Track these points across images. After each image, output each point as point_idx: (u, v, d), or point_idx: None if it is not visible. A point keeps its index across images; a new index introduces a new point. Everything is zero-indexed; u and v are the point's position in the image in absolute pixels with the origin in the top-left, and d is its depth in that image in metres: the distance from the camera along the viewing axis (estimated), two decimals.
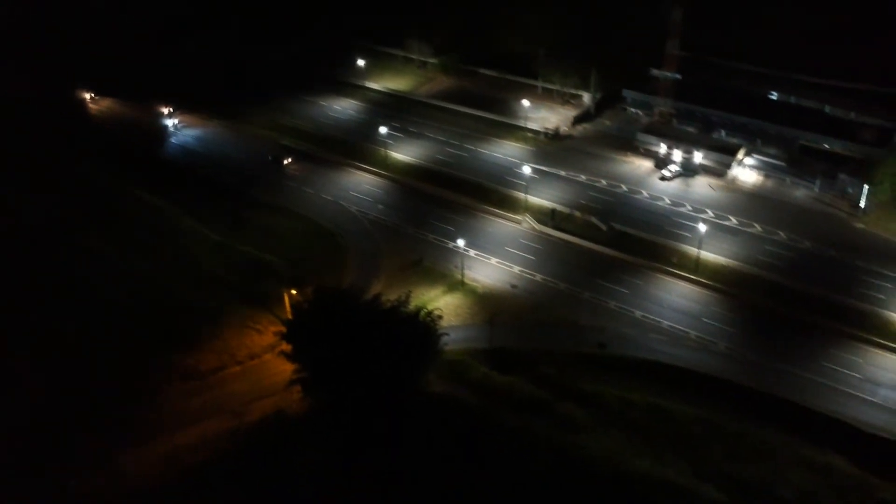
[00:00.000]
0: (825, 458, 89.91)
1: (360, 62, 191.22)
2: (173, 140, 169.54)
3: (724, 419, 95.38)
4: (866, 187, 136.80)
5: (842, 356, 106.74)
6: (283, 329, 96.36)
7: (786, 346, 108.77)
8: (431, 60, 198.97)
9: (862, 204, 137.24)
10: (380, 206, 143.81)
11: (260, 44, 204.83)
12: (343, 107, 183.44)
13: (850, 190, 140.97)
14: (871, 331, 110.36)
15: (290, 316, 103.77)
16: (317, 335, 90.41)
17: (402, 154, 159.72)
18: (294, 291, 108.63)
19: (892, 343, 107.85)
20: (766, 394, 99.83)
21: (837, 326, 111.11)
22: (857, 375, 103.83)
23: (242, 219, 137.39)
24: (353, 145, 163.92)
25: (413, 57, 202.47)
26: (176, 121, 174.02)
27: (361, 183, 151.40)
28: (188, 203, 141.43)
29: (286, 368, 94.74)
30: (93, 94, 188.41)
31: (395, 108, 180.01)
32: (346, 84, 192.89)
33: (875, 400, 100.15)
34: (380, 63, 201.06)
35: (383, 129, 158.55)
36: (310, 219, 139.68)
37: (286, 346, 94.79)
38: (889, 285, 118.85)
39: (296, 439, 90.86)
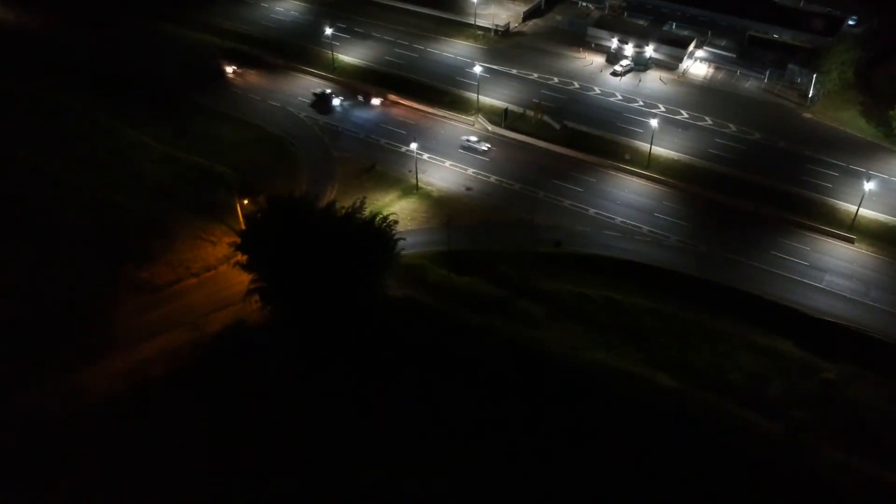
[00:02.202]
0: (773, 343, 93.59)
1: None
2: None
3: (676, 310, 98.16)
4: (814, 77, 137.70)
5: (790, 245, 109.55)
6: (238, 239, 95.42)
7: (736, 237, 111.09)
8: None
9: (810, 94, 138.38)
10: (331, 113, 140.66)
11: None
12: (286, 8, 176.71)
13: (799, 80, 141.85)
14: (818, 219, 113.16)
15: (243, 226, 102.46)
16: (272, 244, 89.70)
17: (350, 56, 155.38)
18: (246, 201, 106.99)
19: (838, 230, 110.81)
20: (716, 284, 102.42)
21: (785, 216, 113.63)
22: (804, 263, 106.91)
23: (186, 127, 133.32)
24: (299, 48, 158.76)
25: None
26: None
27: (309, 87, 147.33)
28: (128, 113, 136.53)
29: (243, 279, 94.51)
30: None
31: (341, 8, 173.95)
32: None
33: (821, 286, 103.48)
34: None
35: (329, 31, 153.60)
36: (258, 126, 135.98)
37: (241, 257, 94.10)
38: (835, 174, 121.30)
39: (257, 348, 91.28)
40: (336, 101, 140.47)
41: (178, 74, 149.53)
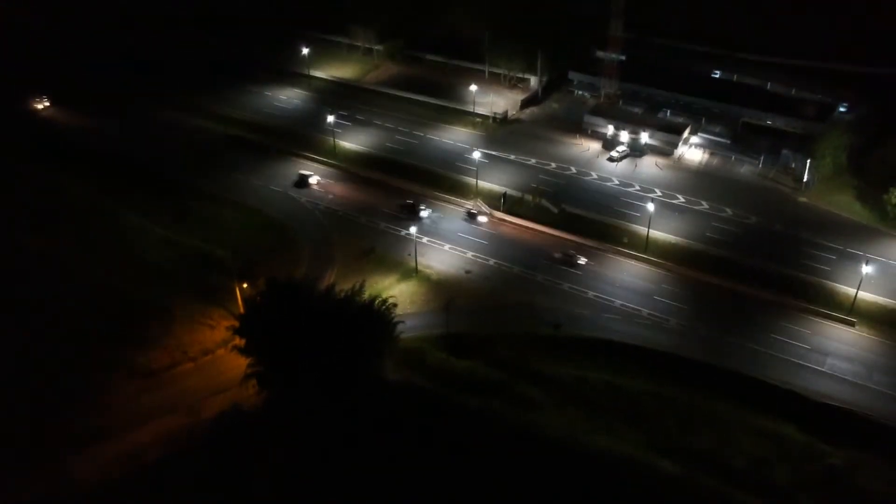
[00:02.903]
0: (776, 427, 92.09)
1: (304, 51, 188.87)
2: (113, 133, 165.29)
3: (677, 393, 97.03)
4: (808, 162, 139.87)
5: (790, 328, 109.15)
6: (236, 323, 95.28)
7: (735, 320, 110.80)
8: (376, 47, 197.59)
9: (805, 178, 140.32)
10: (330, 196, 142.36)
11: (203, 35, 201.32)
12: (288, 96, 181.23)
13: (793, 165, 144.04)
14: (818, 302, 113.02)
15: (242, 310, 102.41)
16: (271, 328, 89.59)
17: (351, 143, 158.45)
18: (245, 285, 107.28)
19: (838, 313, 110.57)
20: (717, 367, 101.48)
21: (785, 299, 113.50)
22: (805, 346, 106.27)
23: (187, 211, 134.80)
24: (301, 135, 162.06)
25: (358, 44, 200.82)
26: None
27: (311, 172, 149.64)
28: (131, 197, 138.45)
29: (240, 363, 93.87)
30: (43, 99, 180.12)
31: (342, 97, 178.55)
32: (290, 73, 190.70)
33: (823, 369, 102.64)
34: (324, 51, 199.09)
35: (330, 118, 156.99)
36: (259, 210, 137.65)
37: (240, 341, 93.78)
38: (833, 257, 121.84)
39: (253, 434, 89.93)
40: (424, 213, 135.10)
41: (181, 160, 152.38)
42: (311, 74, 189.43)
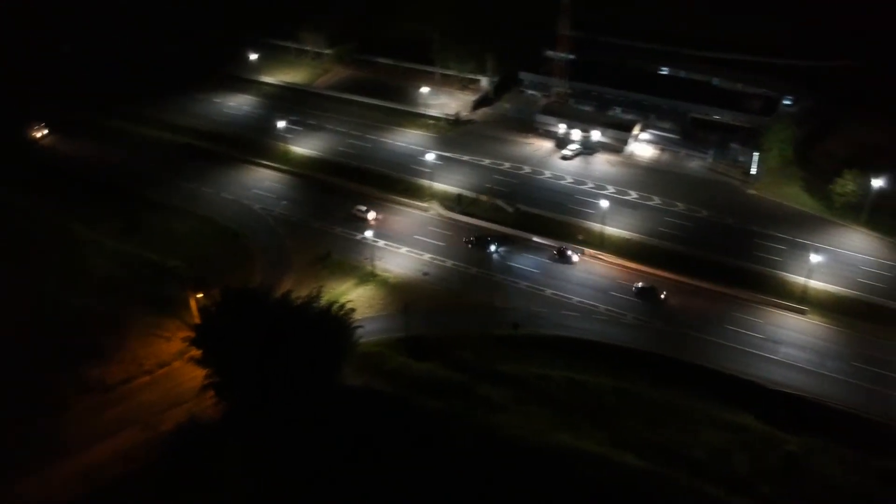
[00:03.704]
0: (734, 417, 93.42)
1: (253, 56, 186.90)
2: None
3: (638, 387, 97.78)
4: (756, 155, 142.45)
5: (744, 318, 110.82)
6: (192, 334, 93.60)
7: (691, 312, 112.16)
8: (326, 51, 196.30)
9: (753, 171, 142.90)
10: (283, 202, 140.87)
11: (149, 43, 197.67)
12: (238, 103, 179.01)
13: (741, 158, 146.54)
14: (770, 292, 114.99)
15: (197, 320, 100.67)
16: (227, 337, 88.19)
17: (303, 148, 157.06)
18: (200, 295, 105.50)
19: (789, 302, 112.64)
20: (675, 360, 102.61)
21: (738, 290, 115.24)
22: (759, 336, 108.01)
23: (138, 222, 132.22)
24: (252, 141, 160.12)
25: (307, 49, 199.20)
26: None
27: (263, 179, 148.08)
28: (80, 209, 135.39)
29: (197, 374, 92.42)
30: None
31: (293, 102, 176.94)
32: (239, 79, 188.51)
33: (777, 358, 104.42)
34: (273, 56, 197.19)
35: (281, 124, 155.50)
36: (211, 219, 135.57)
37: (196, 352, 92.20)
38: (783, 247, 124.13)
39: (213, 446, 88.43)
40: (492, 247, 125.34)
41: (131, 170, 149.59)
42: (261, 80, 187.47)
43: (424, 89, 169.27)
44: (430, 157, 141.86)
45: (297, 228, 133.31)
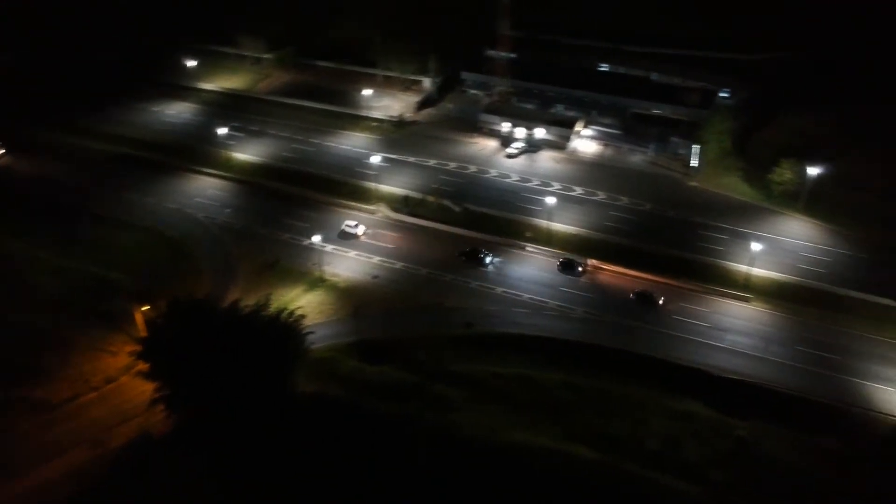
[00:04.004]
0: (684, 405, 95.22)
1: (191, 63, 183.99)
2: None
3: (589, 381, 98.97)
4: (695, 147, 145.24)
5: (690, 308, 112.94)
6: (139, 347, 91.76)
7: (638, 305, 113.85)
8: (266, 56, 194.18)
9: (693, 163, 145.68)
10: (227, 210, 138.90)
11: (82, 52, 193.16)
12: (178, 111, 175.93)
13: (681, 151, 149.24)
14: (714, 281, 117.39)
15: (144, 333, 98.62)
16: (176, 349, 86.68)
17: (246, 154, 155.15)
18: (146, 307, 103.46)
19: (733, 291, 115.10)
20: (625, 352, 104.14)
21: (683, 281, 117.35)
22: (704, 324, 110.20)
23: (79, 236, 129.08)
24: (193, 149, 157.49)
25: (246, 54, 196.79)
26: None
27: (206, 188, 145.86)
28: (14, 224, 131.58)
29: (146, 388, 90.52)
30: None
31: (234, 108, 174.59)
32: (178, 87, 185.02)
33: (723, 345, 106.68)
34: (211, 62, 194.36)
35: (223, 131, 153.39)
36: (154, 230, 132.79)
37: (143, 365, 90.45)
38: (725, 237, 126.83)
39: (166, 459, 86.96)
40: (488, 259, 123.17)
41: (68, 182, 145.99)
42: (200, 87, 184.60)
43: (367, 92, 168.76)
44: (376, 159, 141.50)
45: (243, 236, 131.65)
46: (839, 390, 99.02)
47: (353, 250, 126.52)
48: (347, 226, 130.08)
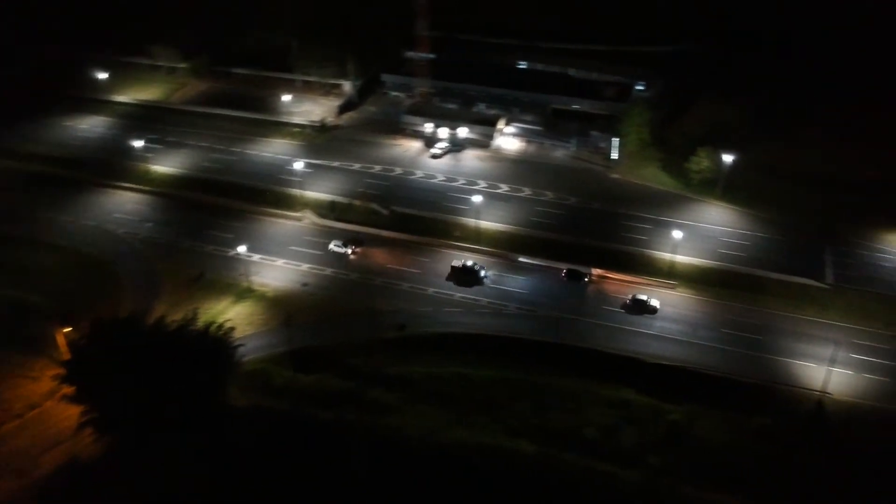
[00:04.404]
0: (619, 393, 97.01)
1: (102, 75, 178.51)
2: None
3: (525, 375, 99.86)
4: (615, 140, 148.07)
5: (619, 298, 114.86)
6: (62, 371, 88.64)
7: (566, 296, 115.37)
8: (181, 65, 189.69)
9: (614, 156, 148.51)
10: (149, 225, 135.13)
11: None
12: (91, 125, 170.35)
13: (602, 144, 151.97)
14: (640, 270, 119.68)
15: (67, 356, 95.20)
16: (101, 370, 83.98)
17: (165, 166, 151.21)
18: (68, 329, 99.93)
19: (659, 279, 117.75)
20: (559, 344, 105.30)
21: (609, 271, 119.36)
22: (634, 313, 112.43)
23: None
24: (109, 164, 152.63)
25: (160, 64, 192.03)
26: None
27: (125, 203, 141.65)
28: None
29: (72, 413, 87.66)
30: None
31: (150, 120, 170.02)
32: (90, 100, 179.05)
33: (653, 332, 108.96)
34: (124, 74, 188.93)
35: (139, 143, 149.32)
36: (73, 249, 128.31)
37: (68, 389, 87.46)
38: (648, 226, 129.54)
39: (95, 485, 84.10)
40: (482, 272, 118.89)
41: None
42: (113, 100, 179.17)
43: (286, 97, 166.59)
44: (299, 165, 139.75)
45: (165, 250, 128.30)
46: (766, 369, 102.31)
47: (281, 258, 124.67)
48: (336, 245, 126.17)
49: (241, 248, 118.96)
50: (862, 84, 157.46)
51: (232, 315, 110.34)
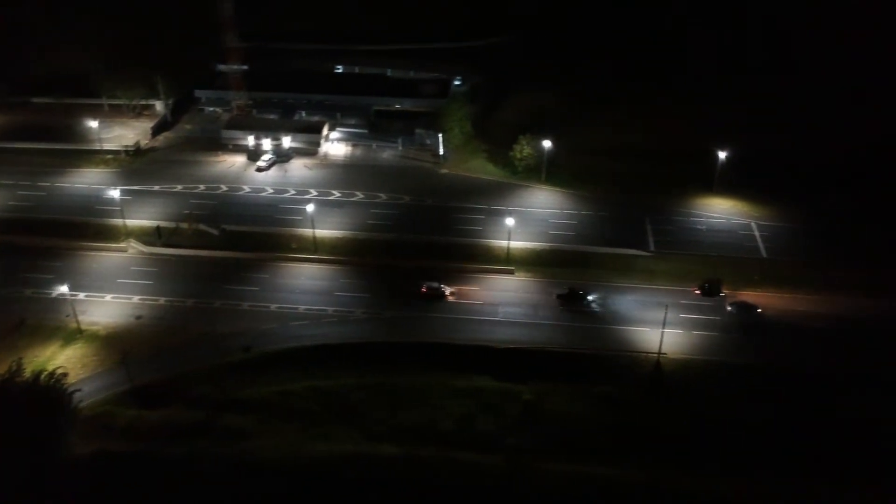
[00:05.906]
0: (473, 382, 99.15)
1: None
2: None
3: (378, 378, 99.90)
4: (440, 136, 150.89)
5: (464, 289, 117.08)
6: None
7: (405, 296, 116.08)
8: None
9: (441, 152, 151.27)
10: None
11: None
12: None
13: (428, 142, 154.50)
14: (479, 260, 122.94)
15: None
16: None
17: None
18: None
19: (498, 266, 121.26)
20: (408, 343, 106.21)
21: (451, 264, 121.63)
22: (477, 302, 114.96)
23: None
24: None
25: None
26: None
27: None
28: None
29: None
30: None
31: None
32: None
33: (499, 318, 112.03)
34: None
35: None
36: None
37: None
38: (482, 217, 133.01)
39: None
40: (590, 297, 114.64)
41: None
42: None
43: (93, 123, 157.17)
44: (116, 193, 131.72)
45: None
46: (607, 340, 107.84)
47: (109, 293, 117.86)
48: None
49: (63, 288, 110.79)
50: (656, 65, 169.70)
51: (62, 360, 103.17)
